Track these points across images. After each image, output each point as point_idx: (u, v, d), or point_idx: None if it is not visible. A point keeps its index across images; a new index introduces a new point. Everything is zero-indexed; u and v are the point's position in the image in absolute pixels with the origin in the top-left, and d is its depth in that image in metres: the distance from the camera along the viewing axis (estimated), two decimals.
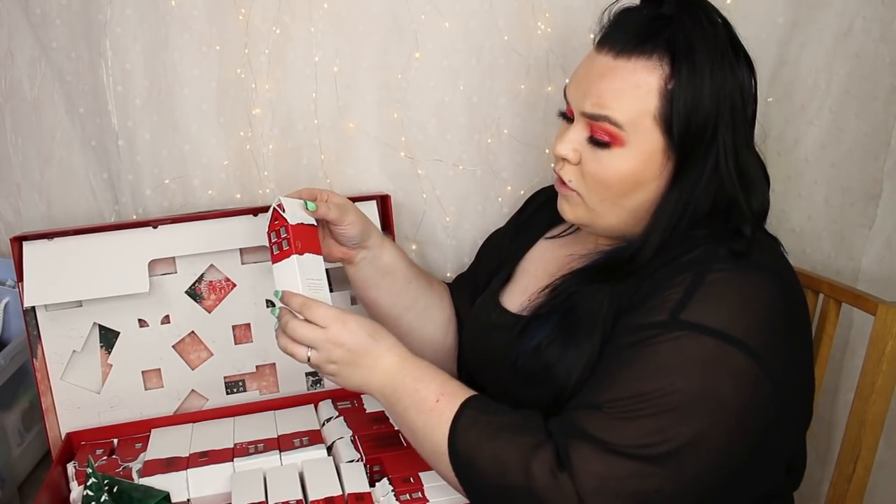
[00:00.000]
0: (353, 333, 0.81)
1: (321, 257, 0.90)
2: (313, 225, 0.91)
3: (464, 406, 0.78)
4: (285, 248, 0.87)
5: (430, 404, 0.79)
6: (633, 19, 0.81)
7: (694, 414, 0.71)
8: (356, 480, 0.88)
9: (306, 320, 0.82)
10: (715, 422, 0.71)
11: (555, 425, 0.75)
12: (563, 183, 0.86)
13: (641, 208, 0.83)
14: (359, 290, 1.03)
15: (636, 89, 0.79)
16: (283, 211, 0.88)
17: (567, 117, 0.86)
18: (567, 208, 0.88)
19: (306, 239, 0.89)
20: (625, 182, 0.81)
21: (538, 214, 1.05)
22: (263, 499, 0.85)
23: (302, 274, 0.86)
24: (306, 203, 0.91)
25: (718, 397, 0.72)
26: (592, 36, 0.85)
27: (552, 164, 0.88)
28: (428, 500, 0.84)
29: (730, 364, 0.72)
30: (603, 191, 0.83)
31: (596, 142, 0.81)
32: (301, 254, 0.87)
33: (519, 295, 0.97)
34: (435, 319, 1.06)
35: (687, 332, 0.73)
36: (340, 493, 0.86)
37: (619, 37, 0.80)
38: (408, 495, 0.85)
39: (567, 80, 0.86)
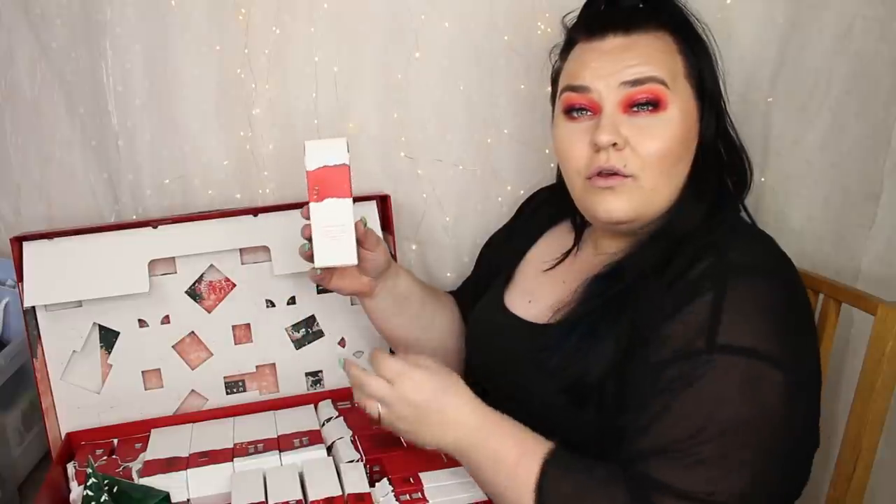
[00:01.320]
0: (420, 390, 0.78)
1: (348, 199, 0.86)
2: (343, 164, 0.87)
3: (545, 465, 0.76)
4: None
5: (510, 464, 0.77)
6: (619, 6, 0.87)
7: (753, 436, 0.73)
8: (356, 481, 0.87)
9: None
10: (772, 437, 0.74)
11: (633, 482, 0.74)
12: (614, 174, 0.82)
13: (685, 175, 0.85)
14: (378, 321, 1.04)
15: (663, 53, 0.83)
16: (304, 154, 0.86)
17: (583, 111, 0.85)
18: (619, 204, 0.83)
19: (330, 182, 0.86)
20: (680, 145, 0.83)
21: (535, 216, 1.05)
22: (263, 499, 0.85)
23: (318, 221, 0.84)
24: (347, 144, 0.87)
25: (767, 414, 0.73)
26: (570, 37, 0.89)
27: (576, 166, 0.86)
28: (428, 501, 0.84)
29: (768, 380, 0.73)
30: (662, 161, 0.82)
31: (643, 108, 0.82)
32: (320, 200, 0.85)
33: (520, 297, 0.97)
34: (446, 331, 1.07)
35: (725, 355, 0.73)
36: (340, 493, 0.86)
37: (618, 19, 0.84)
38: (408, 495, 0.84)
39: (568, 83, 0.86)
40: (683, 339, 0.75)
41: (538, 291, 0.96)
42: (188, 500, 0.89)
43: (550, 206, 1.03)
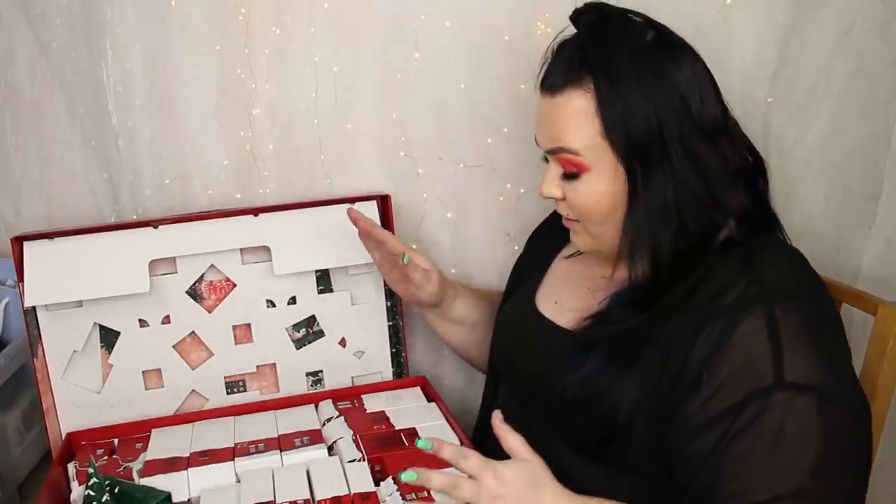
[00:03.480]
0: (510, 485, 0.74)
1: None
2: None
3: None
4: None
5: None
6: (562, 55, 0.85)
7: (840, 477, 0.73)
8: (360, 480, 0.88)
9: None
10: (854, 473, 0.74)
11: None
12: (566, 218, 0.89)
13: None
14: (434, 328, 1.13)
15: (577, 116, 0.82)
16: None
17: (547, 160, 0.89)
18: (576, 240, 0.91)
19: None
20: (604, 203, 0.83)
21: (544, 240, 1.06)
22: (272, 498, 0.85)
23: None
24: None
25: (844, 451, 0.73)
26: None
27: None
28: (434, 500, 0.84)
29: (836, 416, 0.73)
30: (591, 215, 0.85)
31: (567, 175, 0.85)
32: None
33: (546, 297, 0.97)
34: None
35: (799, 394, 0.72)
36: (347, 492, 0.86)
37: (552, 76, 0.85)
38: (413, 494, 0.84)
39: None
40: (745, 374, 0.73)
41: (563, 294, 0.96)
42: (189, 499, 0.89)
43: (555, 229, 1.04)
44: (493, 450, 0.97)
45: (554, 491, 0.75)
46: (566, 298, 0.95)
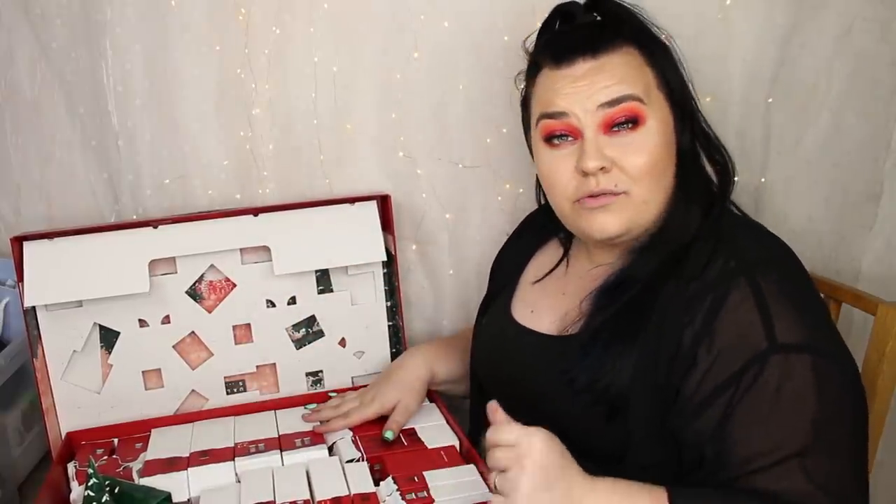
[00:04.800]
0: (544, 453, 0.73)
1: None
2: None
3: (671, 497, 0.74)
4: None
5: None
6: (582, 31, 0.87)
7: (841, 426, 0.75)
8: (359, 480, 0.88)
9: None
10: (844, 427, 0.76)
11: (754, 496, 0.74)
12: (606, 193, 0.83)
13: (671, 182, 0.86)
14: None
15: (633, 69, 0.84)
16: None
17: (563, 136, 0.85)
18: (613, 220, 0.84)
19: None
20: (664, 155, 0.84)
21: (531, 232, 1.06)
22: (272, 498, 0.85)
23: None
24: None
25: (841, 405, 0.76)
26: (534, 61, 0.90)
27: (563, 192, 0.86)
28: (434, 500, 0.84)
29: (831, 373, 0.75)
30: (649, 174, 0.83)
31: (623, 126, 0.82)
32: None
33: (522, 307, 0.97)
34: None
35: (792, 354, 0.74)
36: (347, 493, 0.86)
37: (584, 44, 0.84)
38: (413, 494, 0.84)
39: (544, 111, 0.86)
40: (740, 343, 0.76)
41: (539, 303, 0.96)
42: (188, 499, 0.89)
43: (543, 223, 1.03)
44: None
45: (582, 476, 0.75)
46: (541, 307, 0.95)
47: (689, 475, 0.78)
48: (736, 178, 0.89)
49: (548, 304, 0.94)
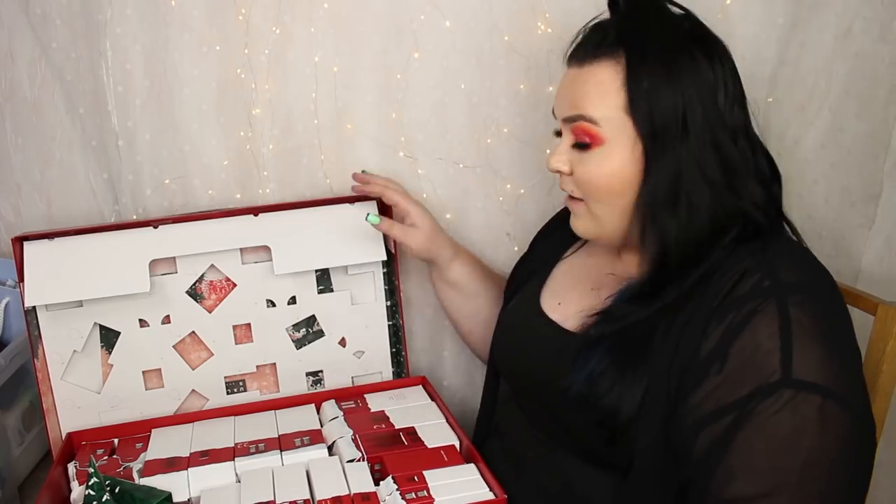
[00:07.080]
0: None
1: None
2: None
3: None
4: None
5: None
6: (596, 31, 0.85)
7: (827, 469, 0.71)
8: (360, 480, 0.88)
9: None
10: (840, 477, 0.72)
11: None
12: (571, 196, 0.88)
13: (640, 204, 0.82)
14: (435, 289, 1.16)
15: (601, 86, 0.81)
16: None
17: (558, 134, 0.89)
18: (577, 223, 0.89)
19: None
20: (614, 180, 0.82)
21: (549, 240, 1.06)
22: (272, 498, 0.85)
23: None
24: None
25: (837, 450, 0.71)
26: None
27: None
28: (434, 499, 0.84)
29: (838, 420, 0.71)
30: (597, 193, 0.84)
31: (579, 145, 0.84)
32: None
33: (551, 297, 0.96)
34: (488, 326, 1.08)
35: (803, 392, 0.71)
36: (347, 492, 0.86)
37: (582, 48, 0.85)
38: (413, 494, 0.84)
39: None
40: (753, 368, 0.72)
41: (567, 295, 0.95)
42: (189, 499, 0.90)
43: (561, 226, 1.03)
44: (497, 452, 0.97)
45: None
46: (570, 299, 0.94)
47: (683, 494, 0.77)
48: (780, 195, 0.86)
49: (576, 297, 0.93)
